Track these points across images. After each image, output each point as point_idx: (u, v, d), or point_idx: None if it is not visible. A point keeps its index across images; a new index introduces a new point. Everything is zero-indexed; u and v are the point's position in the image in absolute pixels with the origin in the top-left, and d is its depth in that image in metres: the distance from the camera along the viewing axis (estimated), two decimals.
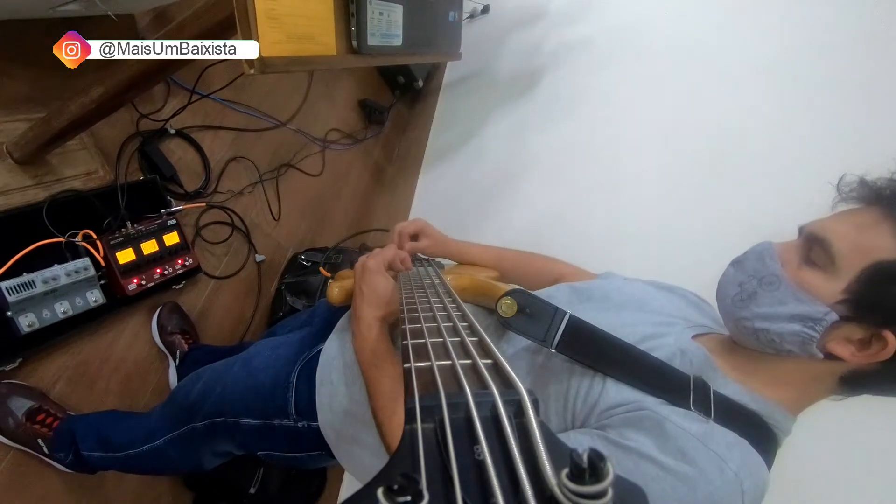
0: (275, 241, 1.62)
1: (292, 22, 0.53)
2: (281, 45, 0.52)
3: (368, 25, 0.64)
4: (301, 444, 0.74)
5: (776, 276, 0.51)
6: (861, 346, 0.47)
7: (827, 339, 0.48)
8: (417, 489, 0.15)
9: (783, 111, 1.33)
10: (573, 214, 1.57)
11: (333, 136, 1.98)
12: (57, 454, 0.93)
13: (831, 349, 0.48)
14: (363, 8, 0.62)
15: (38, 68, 1.04)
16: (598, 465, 0.15)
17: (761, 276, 0.52)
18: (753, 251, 0.56)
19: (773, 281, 0.51)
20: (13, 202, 0.95)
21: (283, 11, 0.52)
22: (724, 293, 0.57)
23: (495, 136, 2.01)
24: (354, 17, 0.63)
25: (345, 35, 0.64)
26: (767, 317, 0.51)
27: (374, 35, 0.65)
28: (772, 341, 0.51)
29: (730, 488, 0.44)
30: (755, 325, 0.52)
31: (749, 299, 0.53)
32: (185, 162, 1.35)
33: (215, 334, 1.37)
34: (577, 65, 1.93)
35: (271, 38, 0.51)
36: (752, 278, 0.53)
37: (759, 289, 0.52)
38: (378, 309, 0.62)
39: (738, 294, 0.54)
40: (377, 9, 0.65)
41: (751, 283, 0.53)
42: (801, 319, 0.48)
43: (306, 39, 0.55)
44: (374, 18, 0.65)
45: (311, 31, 0.56)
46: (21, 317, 0.90)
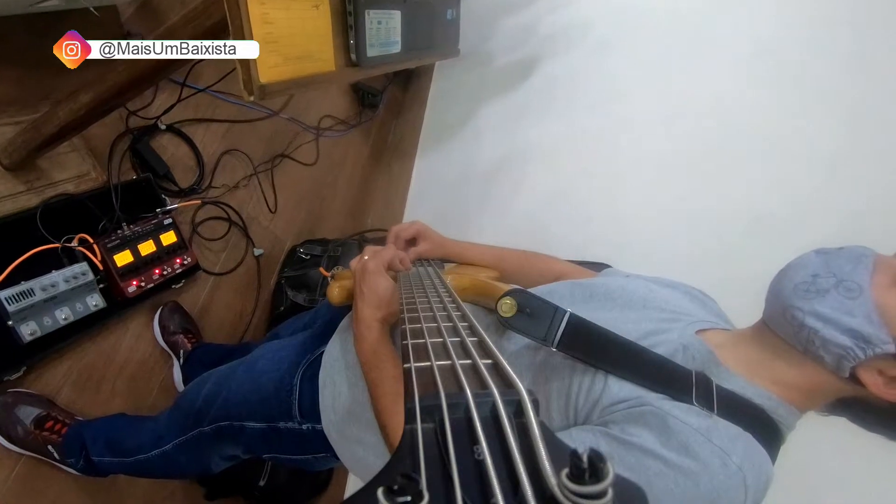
0: (272, 234, 1.60)
1: (290, 42, 0.51)
2: (279, 69, 0.51)
3: (367, 37, 0.61)
4: (306, 447, 0.74)
5: (860, 287, 0.49)
6: (890, 383, 0.47)
7: (863, 363, 0.48)
8: (417, 489, 0.15)
9: (787, 95, 1.31)
10: (573, 199, 1.56)
11: (327, 123, 1.95)
12: (67, 460, 0.94)
13: (860, 374, 0.48)
14: (361, 19, 0.60)
15: (22, 68, 1.01)
16: (598, 465, 0.15)
17: (844, 278, 0.50)
18: (851, 251, 0.53)
19: (854, 289, 0.49)
20: (5, 209, 0.93)
21: (280, 33, 0.49)
22: (791, 275, 0.54)
23: (492, 117, 1.98)
24: (353, 29, 0.60)
25: (343, 49, 0.62)
26: (825, 318, 0.49)
27: (374, 46, 0.63)
28: (811, 342, 0.50)
29: (733, 482, 0.45)
30: (805, 319, 0.50)
31: (816, 294, 0.51)
32: (178, 158, 1.32)
33: (217, 331, 1.37)
34: (575, 45, 1.88)
35: (270, 62, 0.49)
36: (832, 276, 0.51)
37: (834, 289, 0.50)
38: (378, 310, 0.62)
39: (806, 283, 0.52)
40: (375, 18, 0.62)
41: (827, 280, 0.51)
42: (857, 337, 0.47)
43: (305, 59, 0.53)
44: (373, 29, 0.62)
45: (309, 49, 0.54)
46: (22, 325, 0.90)
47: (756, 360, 0.55)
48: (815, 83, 1.28)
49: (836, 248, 0.55)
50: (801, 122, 1.24)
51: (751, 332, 0.59)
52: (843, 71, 1.25)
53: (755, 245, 1.15)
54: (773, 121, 1.29)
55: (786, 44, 1.38)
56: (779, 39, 1.40)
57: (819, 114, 1.23)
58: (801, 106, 1.27)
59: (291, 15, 0.52)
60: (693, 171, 1.36)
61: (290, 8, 0.52)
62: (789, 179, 1.20)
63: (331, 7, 0.60)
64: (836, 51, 1.28)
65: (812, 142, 1.21)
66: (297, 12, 0.54)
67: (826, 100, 1.24)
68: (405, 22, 0.76)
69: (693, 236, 1.26)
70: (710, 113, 1.41)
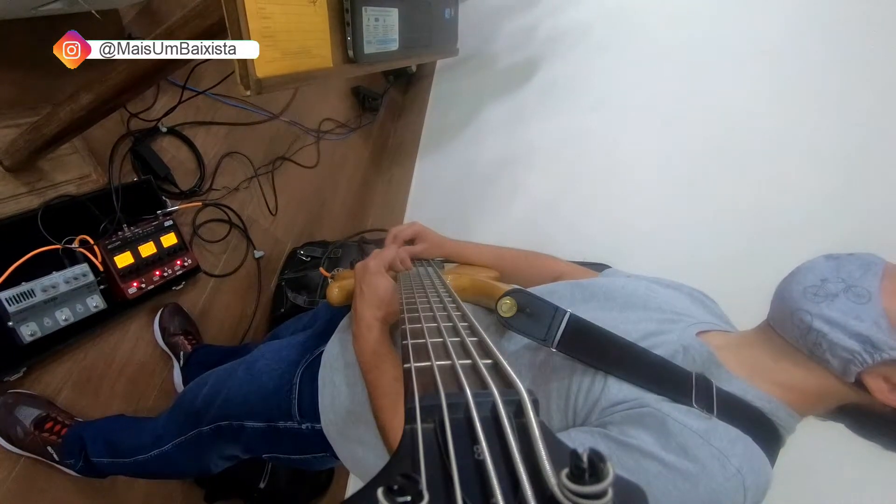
0: (273, 236, 1.61)
1: (287, 38, 0.52)
2: (276, 64, 0.51)
3: (364, 33, 0.62)
4: (306, 447, 0.74)
5: (870, 293, 0.49)
6: (894, 390, 0.47)
7: (869, 369, 0.48)
8: (417, 489, 0.15)
9: (786, 96, 1.31)
10: (573, 201, 1.56)
11: (327, 126, 1.96)
12: (67, 461, 0.94)
13: (865, 379, 0.48)
14: (358, 16, 0.60)
15: (23, 70, 1.01)
16: (598, 465, 0.15)
17: (854, 284, 0.50)
18: (861, 258, 0.53)
19: (864, 295, 0.49)
20: (7, 211, 0.94)
21: (277, 28, 0.50)
22: (800, 278, 0.54)
23: (492, 120, 1.98)
24: (350, 26, 0.61)
25: (341, 45, 0.62)
26: (833, 322, 0.49)
27: (371, 42, 0.63)
28: (818, 345, 0.50)
29: (732, 484, 0.44)
30: (814, 323, 0.50)
31: (825, 298, 0.51)
32: (179, 160, 1.33)
33: (217, 333, 1.37)
34: (574, 48, 1.89)
35: (267, 56, 0.49)
36: (842, 281, 0.51)
37: (844, 294, 0.50)
38: (378, 309, 0.62)
39: (815, 287, 0.52)
40: (373, 15, 0.63)
41: (836, 285, 0.51)
42: (865, 342, 0.47)
43: (302, 54, 0.54)
44: (370, 25, 0.63)
45: (306, 44, 0.55)
46: (22, 326, 0.90)
47: (758, 362, 0.55)
48: (822, 84, 1.27)
49: (846, 254, 0.55)
50: (806, 123, 1.24)
51: (754, 334, 0.59)
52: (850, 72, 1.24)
53: (757, 247, 1.15)
54: (777, 122, 1.29)
55: (790, 44, 1.38)
56: (782, 39, 1.40)
57: (825, 115, 1.23)
58: (806, 107, 1.27)
59: (288, 10, 0.53)
60: (694, 172, 1.36)
61: (287, 3, 0.52)
62: (793, 181, 1.20)
63: (328, 3, 0.60)
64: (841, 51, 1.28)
65: (817, 144, 1.21)
66: (294, 7, 0.54)
67: (831, 101, 1.24)
68: (403, 19, 0.76)
69: (694, 237, 1.26)
70: (711, 114, 1.41)
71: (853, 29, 1.30)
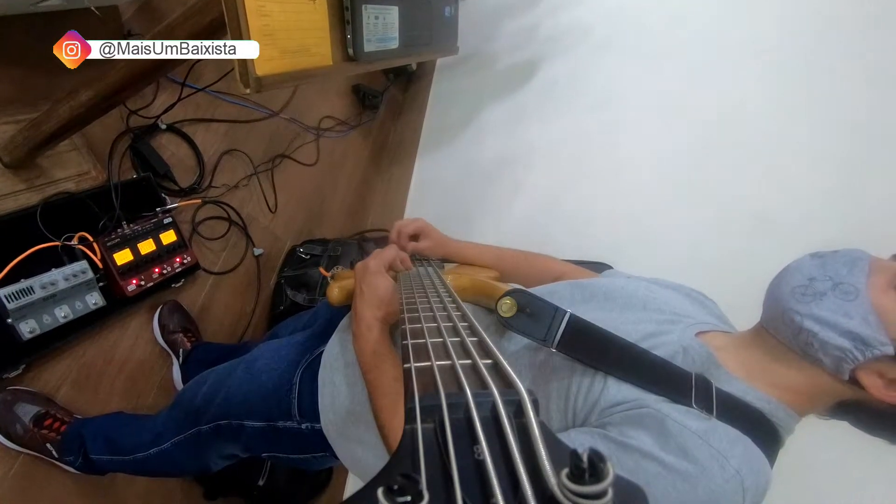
0: (272, 234, 1.60)
1: (287, 36, 0.51)
2: (276, 62, 0.51)
3: (364, 31, 0.62)
4: (305, 446, 0.74)
5: (857, 289, 0.49)
6: (889, 385, 0.47)
7: (862, 365, 0.48)
8: (417, 489, 0.15)
9: (786, 96, 1.31)
10: (573, 200, 1.56)
11: (327, 124, 1.95)
12: (66, 458, 0.94)
13: (860, 376, 0.48)
14: (358, 14, 0.60)
15: (22, 67, 1.01)
16: (598, 465, 0.15)
17: (841, 281, 0.50)
18: (846, 254, 0.53)
19: (851, 291, 0.49)
20: (6, 207, 0.93)
21: (276, 26, 0.50)
22: (788, 279, 0.55)
23: (492, 119, 1.98)
24: (350, 24, 0.60)
25: (340, 43, 0.62)
26: (823, 321, 0.49)
27: (371, 41, 0.63)
28: (809, 345, 0.50)
29: (731, 485, 0.44)
30: (804, 323, 0.50)
31: (813, 297, 0.51)
32: (178, 157, 1.33)
33: (216, 330, 1.37)
34: (574, 47, 1.89)
35: (266, 54, 0.49)
36: (829, 279, 0.51)
37: (831, 292, 0.50)
38: (378, 309, 0.62)
39: (803, 286, 0.52)
40: (372, 13, 0.63)
41: (824, 283, 0.51)
42: (855, 339, 0.47)
43: (301, 52, 0.54)
44: (370, 23, 0.62)
45: (305, 43, 0.55)
46: (22, 323, 0.90)
47: (755, 362, 0.55)
48: (817, 85, 1.28)
49: (831, 252, 0.55)
50: (806, 123, 1.24)
51: (750, 334, 0.59)
52: (845, 71, 1.25)
53: (756, 246, 1.15)
54: (775, 122, 1.29)
55: (787, 44, 1.38)
56: (781, 39, 1.40)
57: (825, 115, 1.23)
58: (802, 108, 1.27)
59: (288, 8, 0.52)
60: (693, 172, 1.36)
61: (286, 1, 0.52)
62: (791, 181, 1.20)
63: (328, 1, 0.60)
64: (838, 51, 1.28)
65: (817, 144, 1.21)
66: (293, 5, 0.54)
67: (828, 102, 1.24)
68: (403, 17, 0.76)
69: (694, 237, 1.26)
70: (711, 113, 1.41)
71: (852, 29, 1.30)
